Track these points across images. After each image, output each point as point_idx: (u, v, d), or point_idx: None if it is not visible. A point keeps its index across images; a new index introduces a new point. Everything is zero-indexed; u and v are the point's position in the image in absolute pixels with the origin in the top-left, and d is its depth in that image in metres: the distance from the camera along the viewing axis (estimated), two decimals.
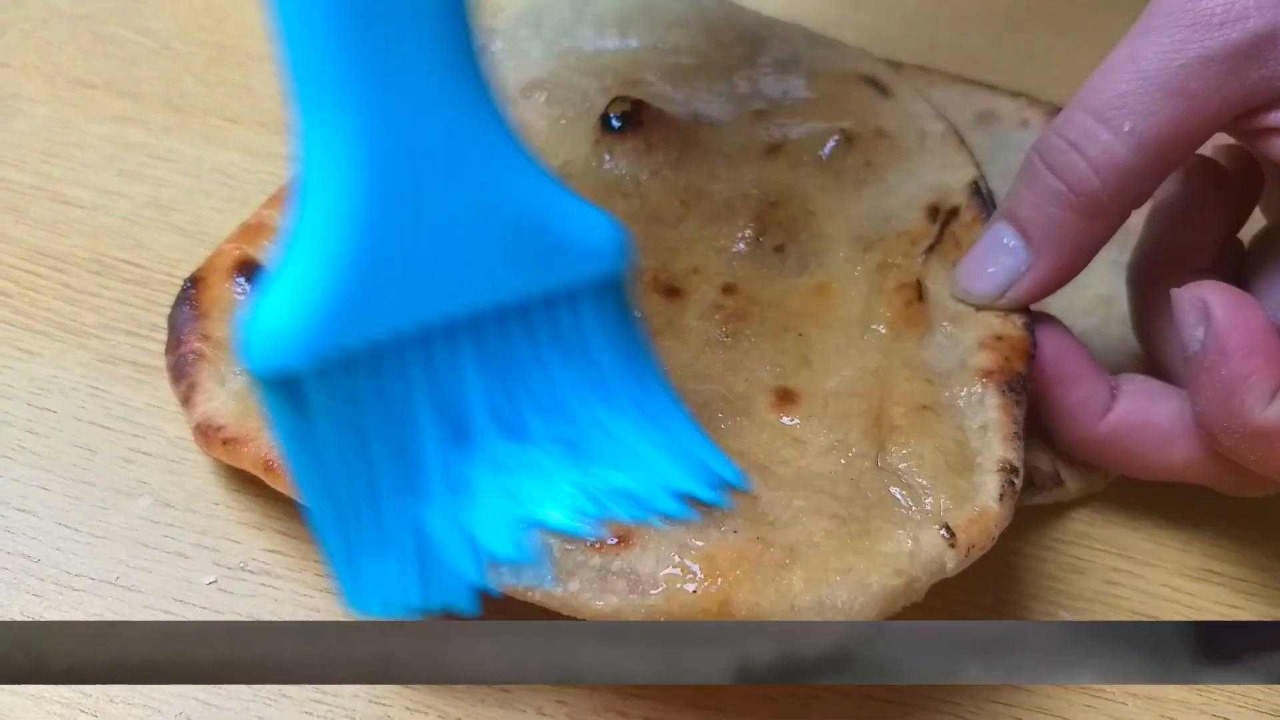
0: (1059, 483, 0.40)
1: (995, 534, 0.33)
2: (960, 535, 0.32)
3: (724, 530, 0.32)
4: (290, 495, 0.35)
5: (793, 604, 0.30)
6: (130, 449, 0.39)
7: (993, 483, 0.34)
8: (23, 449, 0.39)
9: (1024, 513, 0.39)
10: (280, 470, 0.35)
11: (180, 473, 0.39)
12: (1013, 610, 0.38)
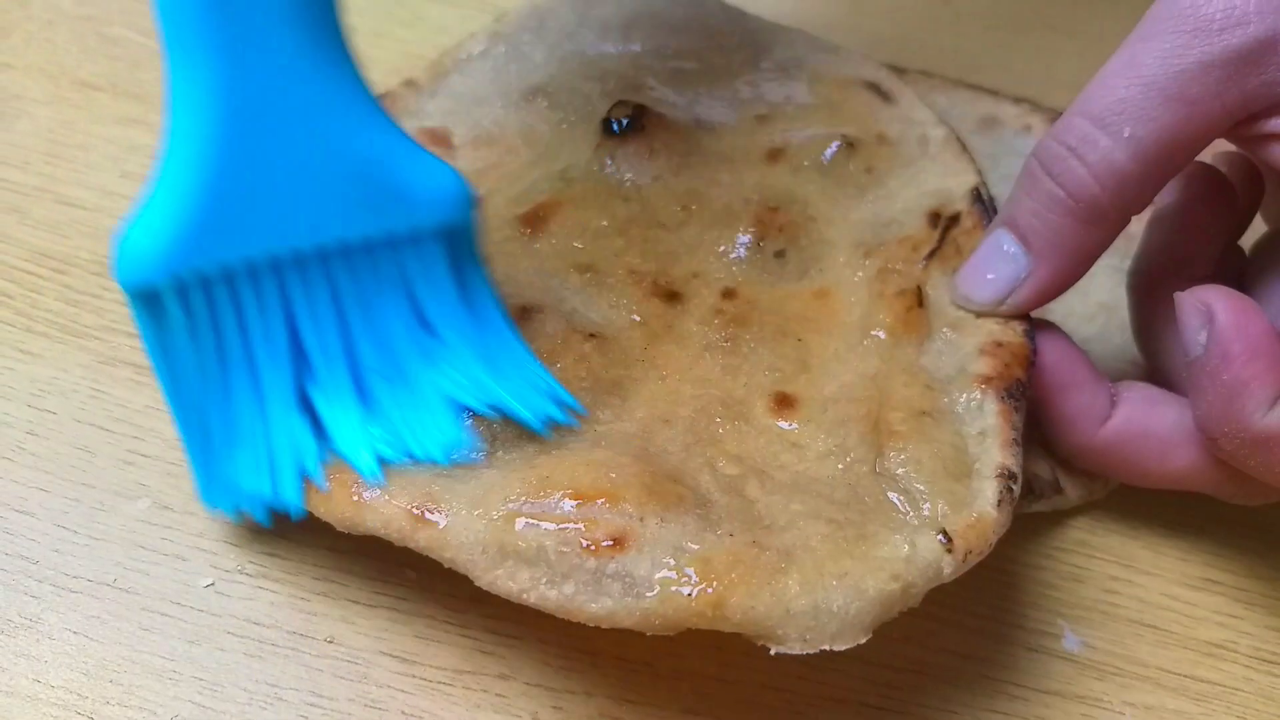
0: (1059, 490, 0.40)
1: (993, 540, 0.33)
2: (958, 541, 0.32)
3: (720, 534, 0.32)
4: None
5: (788, 608, 0.30)
6: (129, 451, 0.39)
7: (991, 489, 0.34)
8: (22, 450, 0.39)
9: (1023, 520, 0.39)
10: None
11: (179, 475, 0.38)
12: (1011, 618, 0.38)
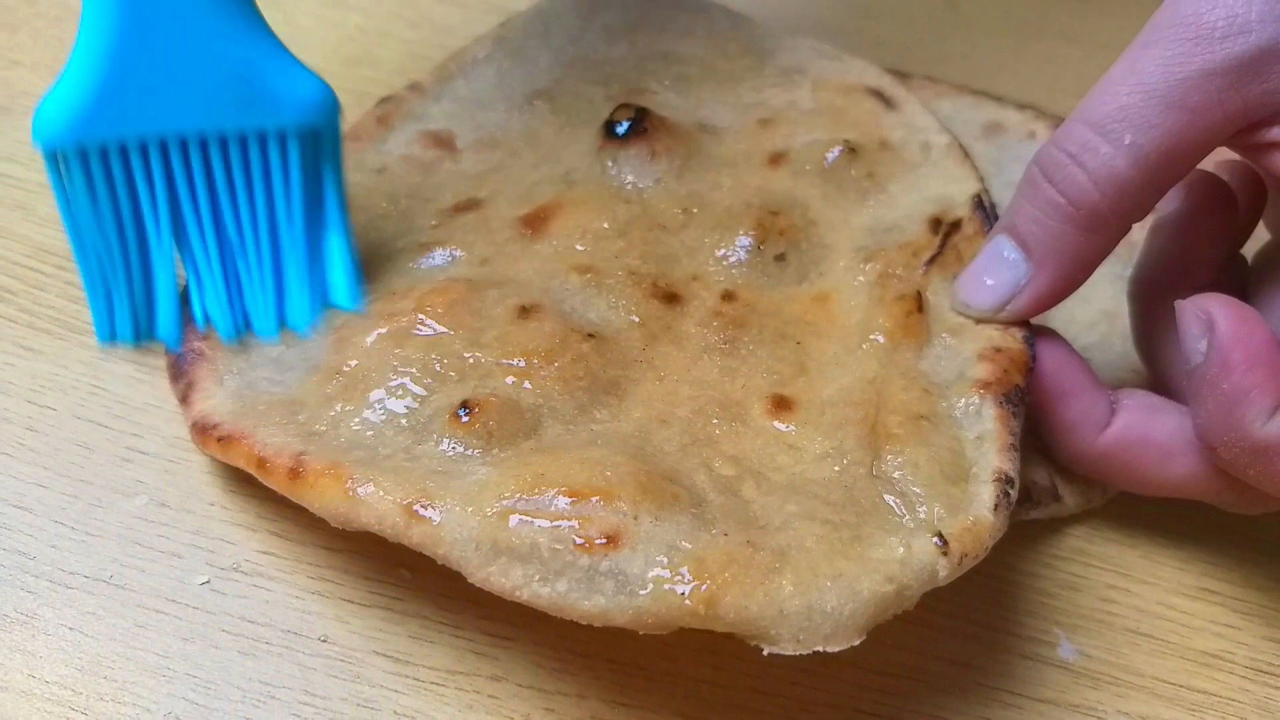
0: (1057, 497, 0.39)
1: (988, 544, 0.33)
2: (953, 544, 0.32)
3: (714, 533, 0.31)
4: (285, 496, 0.35)
5: (781, 608, 0.30)
6: (128, 448, 0.39)
7: (987, 493, 0.34)
8: (22, 446, 0.39)
9: (1020, 528, 0.39)
10: (274, 467, 0.35)
11: (176, 472, 0.39)
12: (1007, 626, 0.38)
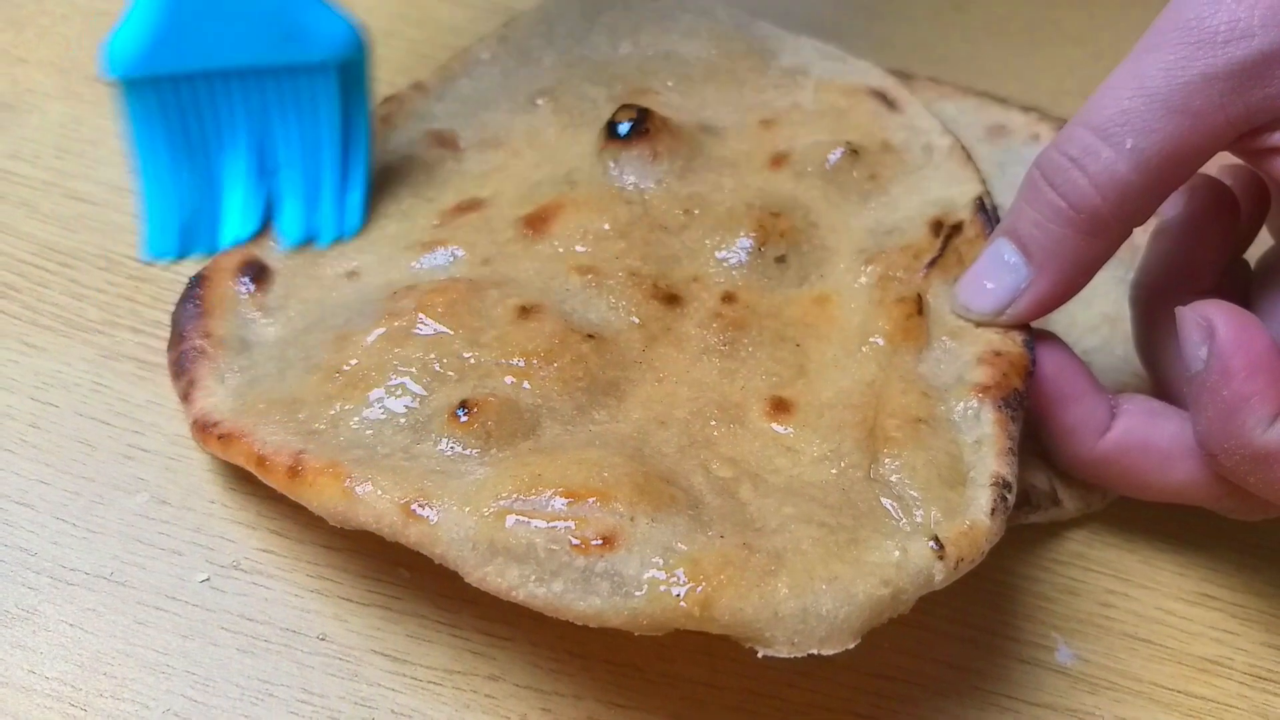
0: (1056, 502, 0.39)
1: (985, 548, 0.33)
2: (949, 548, 0.32)
3: (710, 535, 0.31)
4: (285, 495, 0.35)
5: (776, 610, 0.30)
6: (129, 445, 0.39)
7: (985, 497, 0.34)
8: (24, 443, 0.39)
9: (1019, 532, 0.39)
10: (273, 465, 0.35)
11: (177, 470, 0.39)
12: (1004, 630, 0.38)
